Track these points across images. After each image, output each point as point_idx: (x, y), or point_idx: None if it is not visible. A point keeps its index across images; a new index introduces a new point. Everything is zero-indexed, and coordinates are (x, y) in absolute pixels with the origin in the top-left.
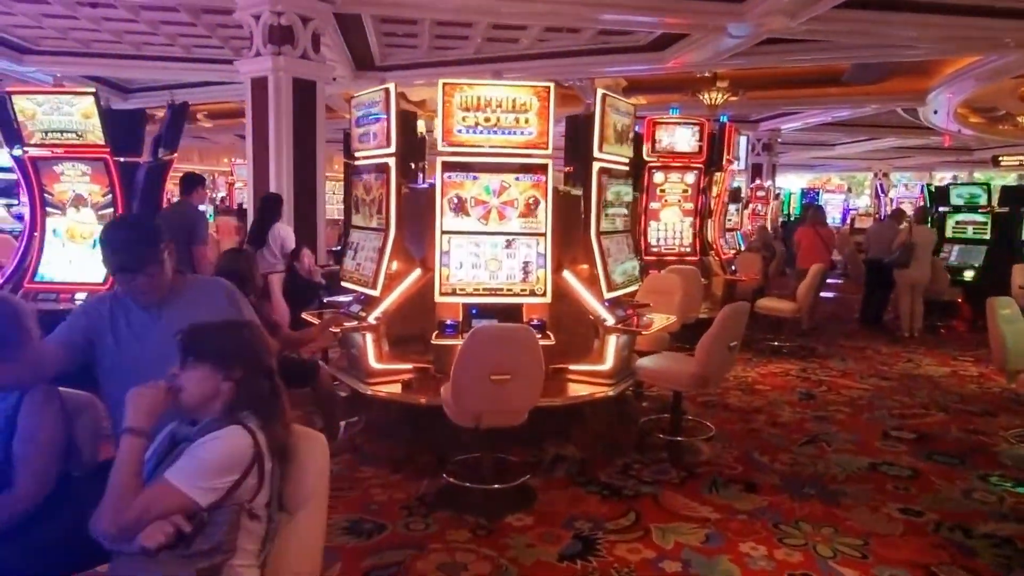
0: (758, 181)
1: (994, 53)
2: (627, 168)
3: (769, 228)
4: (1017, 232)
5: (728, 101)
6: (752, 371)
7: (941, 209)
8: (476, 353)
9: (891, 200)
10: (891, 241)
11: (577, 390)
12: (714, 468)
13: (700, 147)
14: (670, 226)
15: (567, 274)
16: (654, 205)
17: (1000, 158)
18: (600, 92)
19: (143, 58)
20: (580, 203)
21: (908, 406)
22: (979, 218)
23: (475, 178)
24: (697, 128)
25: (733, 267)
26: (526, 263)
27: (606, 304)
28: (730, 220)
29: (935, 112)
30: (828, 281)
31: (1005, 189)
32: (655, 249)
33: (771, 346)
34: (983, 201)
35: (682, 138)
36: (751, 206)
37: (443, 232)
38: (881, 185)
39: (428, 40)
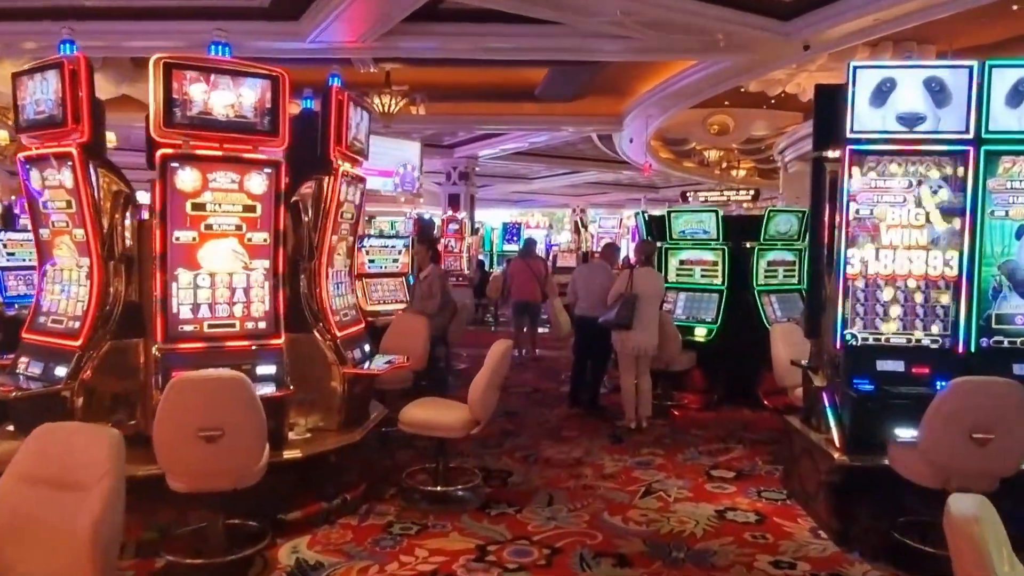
0: (451, 212)
1: (704, 55)
2: None
3: (466, 269)
4: (749, 274)
5: (407, 109)
6: (391, 562)
7: (661, 244)
8: None
9: (591, 236)
10: (606, 290)
11: None
12: None
13: (277, 124)
14: (221, 279)
15: None
16: (183, 236)
17: (688, 194)
18: None
19: None
20: None
21: None
22: (709, 256)
23: None
24: (268, 83)
25: (366, 347)
26: None
27: None
28: (395, 261)
29: (630, 141)
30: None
31: (726, 220)
32: (188, 329)
33: (431, 492)
34: (713, 233)
35: (238, 103)
36: (443, 241)
37: None
38: (580, 220)
39: None
